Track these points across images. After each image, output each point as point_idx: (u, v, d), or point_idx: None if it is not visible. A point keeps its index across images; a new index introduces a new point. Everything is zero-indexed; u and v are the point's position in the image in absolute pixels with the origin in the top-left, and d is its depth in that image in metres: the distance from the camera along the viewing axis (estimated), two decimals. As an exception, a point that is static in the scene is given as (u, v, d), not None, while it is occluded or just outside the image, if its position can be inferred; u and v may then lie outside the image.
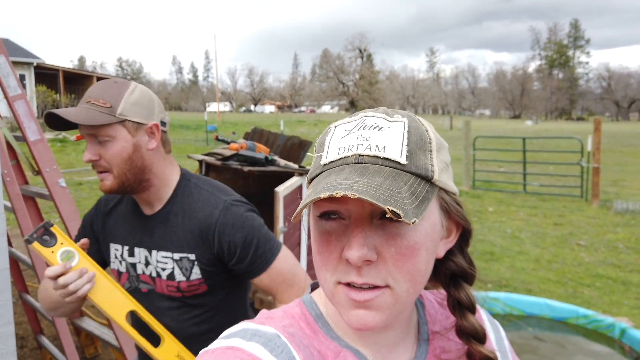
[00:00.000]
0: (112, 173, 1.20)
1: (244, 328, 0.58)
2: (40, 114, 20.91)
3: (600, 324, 3.39)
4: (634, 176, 12.65)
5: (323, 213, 0.55)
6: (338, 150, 0.55)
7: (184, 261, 1.27)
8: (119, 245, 1.34)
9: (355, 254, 0.51)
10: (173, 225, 1.28)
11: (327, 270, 0.55)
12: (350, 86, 67.60)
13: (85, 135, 1.19)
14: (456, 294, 0.65)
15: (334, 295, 0.55)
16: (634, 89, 79.01)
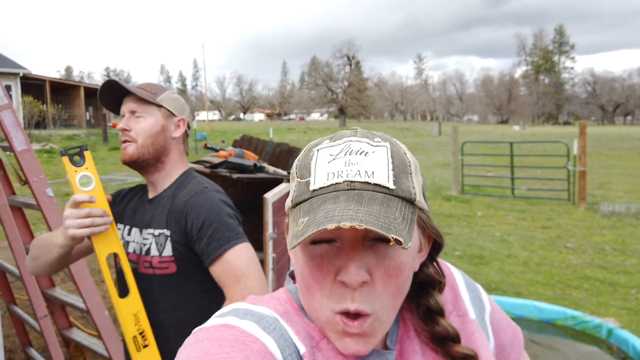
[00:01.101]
0: (137, 143, 1.37)
1: (236, 308, 0.60)
2: (27, 125, 20.74)
3: (588, 324, 3.43)
4: (619, 179, 12.82)
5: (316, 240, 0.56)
6: (327, 175, 0.56)
7: (160, 237, 1.36)
8: (122, 225, 1.45)
9: (354, 277, 0.54)
10: (164, 206, 1.39)
11: (322, 296, 0.57)
12: (339, 93, 67.80)
13: (126, 112, 1.39)
14: (425, 301, 0.67)
15: (329, 323, 0.58)
16: (618, 93, 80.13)
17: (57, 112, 26.69)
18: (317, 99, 75.50)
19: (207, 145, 3.52)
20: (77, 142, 20.79)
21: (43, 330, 2.45)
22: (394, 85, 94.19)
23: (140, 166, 1.40)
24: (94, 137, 22.80)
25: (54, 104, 27.31)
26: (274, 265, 2.51)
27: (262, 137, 17.11)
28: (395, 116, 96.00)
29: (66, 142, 20.23)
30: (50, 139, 20.44)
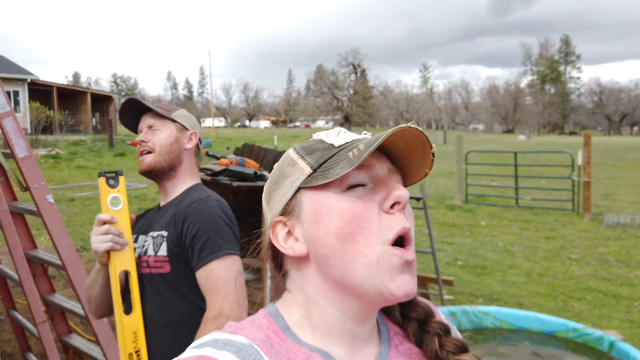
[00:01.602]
0: (154, 152, 1.50)
1: (215, 338, 0.59)
2: (34, 130, 20.89)
3: (589, 337, 3.39)
4: (625, 189, 12.76)
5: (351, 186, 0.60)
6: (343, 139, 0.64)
7: (158, 238, 1.45)
8: (134, 235, 1.52)
9: (405, 191, 0.59)
10: (168, 212, 1.49)
11: (370, 232, 0.58)
12: (345, 101, 67.98)
13: (144, 127, 1.53)
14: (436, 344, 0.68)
15: (381, 263, 0.58)
16: (624, 104, 79.82)
17: (64, 118, 26.87)
18: (322, 106, 75.71)
19: (209, 152, 3.55)
20: (83, 148, 20.91)
21: (42, 336, 2.46)
22: (399, 93, 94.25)
23: (156, 174, 1.53)
24: (100, 143, 22.93)
25: (61, 109, 27.49)
26: (272, 272, 2.51)
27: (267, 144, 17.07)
28: (400, 124, 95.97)
29: (72, 148, 20.36)
30: (56, 145, 20.58)
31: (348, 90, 69.41)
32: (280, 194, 0.66)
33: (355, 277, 0.59)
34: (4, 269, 2.82)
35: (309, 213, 0.62)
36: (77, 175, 13.95)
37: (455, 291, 4.96)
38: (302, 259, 0.64)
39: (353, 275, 0.59)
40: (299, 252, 0.63)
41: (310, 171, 0.62)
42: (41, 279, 2.65)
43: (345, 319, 0.63)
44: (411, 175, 0.67)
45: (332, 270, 0.60)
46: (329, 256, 0.60)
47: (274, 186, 0.67)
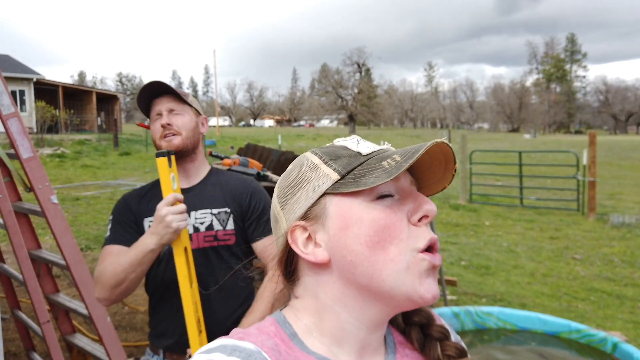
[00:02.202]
0: (181, 135, 1.58)
1: (223, 344, 0.59)
2: (40, 129, 20.99)
3: (593, 338, 3.38)
4: (630, 189, 12.69)
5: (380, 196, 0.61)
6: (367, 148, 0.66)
7: (221, 214, 1.62)
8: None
9: (434, 206, 0.61)
10: (211, 192, 1.64)
11: (400, 240, 0.60)
12: (349, 100, 67.83)
13: (164, 110, 1.59)
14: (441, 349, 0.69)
15: (410, 268, 0.59)
16: (631, 102, 79.38)
17: (69, 117, 26.99)
18: (326, 105, 75.65)
19: (213, 153, 3.55)
20: (88, 147, 20.98)
21: (45, 335, 2.47)
22: (404, 92, 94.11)
23: (181, 155, 1.60)
24: (105, 142, 23.01)
25: (66, 109, 27.61)
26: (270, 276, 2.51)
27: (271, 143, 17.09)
28: (405, 123, 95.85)
29: (77, 147, 20.44)
30: (62, 144, 20.67)
31: (352, 89, 69.28)
32: (301, 198, 0.65)
33: (384, 283, 0.59)
34: (8, 269, 2.84)
35: (336, 219, 0.62)
36: (82, 175, 14.01)
37: (458, 291, 4.95)
38: (321, 265, 0.64)
39: (382, 282, 0.59)
40: (322, 258, 0.62)
41: (337, 177, 0.62)
42: (45, 279, 2.67)
43: (361, 326, 0.63)
44: (425, 188, 0.68)
45: (358, 277, 0.61)
46: (357, 264, 0.60)
47: (291, 190, 0.66)
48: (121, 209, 1.63)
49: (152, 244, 1.41)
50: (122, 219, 1.61)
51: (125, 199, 1.66)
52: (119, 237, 1.57)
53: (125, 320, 4.11)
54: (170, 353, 1.61)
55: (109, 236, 1.59)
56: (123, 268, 1.43)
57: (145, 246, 1.41)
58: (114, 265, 1.45)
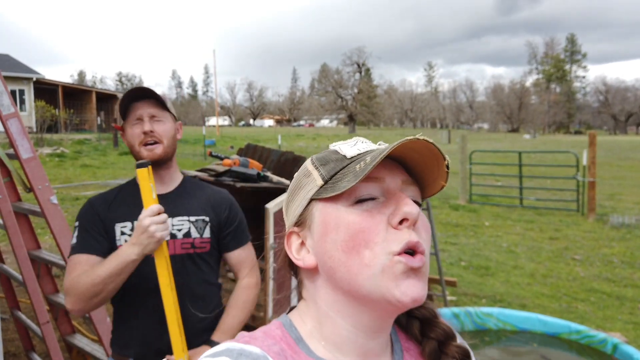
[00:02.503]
0: (163, 144, 1.58)
1: (229, 347, 0.59)
2: (39, 129, 20.97)
3: (593, 339, 3.39)
4: (630, 190, 12.69)
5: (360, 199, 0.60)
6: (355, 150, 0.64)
7: (199, 222, 1.63)
8: (127, 222, 1.57)
9: (414, 208, 0.58)
10: (188, 199, 1.65)
11: (375, 244, 0.58)
12: (349, 100, 67.78)
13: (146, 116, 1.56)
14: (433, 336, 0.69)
15: (385, 271, 0.57)
16: (631, 103, 79.28)
17: (69, 117, 26.97)
18: (326, 105, 75.60)
19: (212, 153, 3.55)
20: (88, 147, 20.98)
21: (45, 336, 2.47)
22: (403, 92, 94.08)
23: (160, 164, 1.60)
24: (105, 142, 23.00)
25: (66, 108, 27.59)
26: (274, 275, 2.51)
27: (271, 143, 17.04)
28: (404, 123, 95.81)
29: (77, 147, 20.43)
30: (61, 143, 20.66)
31: (352, 89, 69.25)
32: (296, 204, 0.66)
33: (361, 288, 0.59)
34: (8, 269, 2.83)
35: (319, 225, 0.62)
36: (82, 174, 14.00)
37: (458, 292, 4.95)
38: (313, 271, 0.65)
39: (359, 287, 0.59)
40: (309, 263, 0.63)
41: (321, 183, 0.63)
42: (45, 279, 2.67)
43: (357, 332, 0.63)
44: (429, 187, 0.67)
45: (339, 282, 0.61)
46: (336, 269, 0.60)
47: (291, 196, 0.68)
48: (88, 216, 1.58)
49: (133, 254, 1.40)
50: (89, 226, 1.56)
51: (92, 204, 1.61)
52: (87, 246, 1.53)
53: (125, 320, 4.10)
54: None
55: (76, 244, 1.54)
56: (101, 279, 1.41)
57: (127, 256, 1.41)
58: (91, 276, 1.43)
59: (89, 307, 1.47)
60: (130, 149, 1.60)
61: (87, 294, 1.42)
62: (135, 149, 1.57)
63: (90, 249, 1.52)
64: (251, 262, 1.74)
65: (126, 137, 1.60)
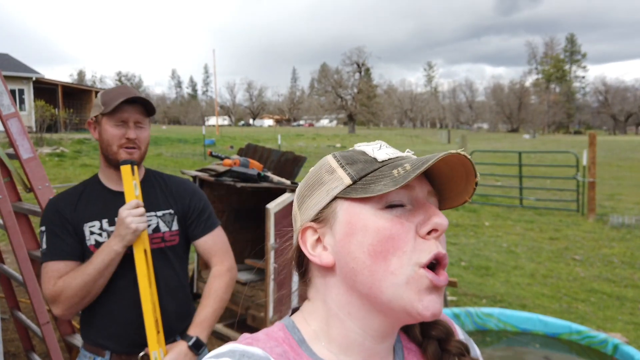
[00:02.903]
0: (140, 150, 1.61)
1: (232, 349, 0.59)
2: (39, 129, 20.96)
3: (593, 340, 3.38)
4: (630, 190, 12.69)
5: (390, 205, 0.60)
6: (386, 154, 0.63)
7: (166, 216, 1.67)
8: (96, 221, 1.59)
9: (445, 219, 0.58)
10: (152, 194, 1.67)
11: (404, 253, 0.58)
12: (349, 100, 67.75)
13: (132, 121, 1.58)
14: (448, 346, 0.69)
15: (410, 283, 0.57)
16: (630, 103, 79.29)
17: (69, 116, 26.94)
18: (326, 105, 75.58)
19: (213, 153, 3.55)
20: (87, 146, 20.97)
21: (45, 336, 2.46)
22: (403, 92, 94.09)
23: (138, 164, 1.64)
24: (105, 141, 22.93)
25: (65, 108, 27.56)
26: (275, 275, 2.51)
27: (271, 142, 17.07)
28: (404, 123, 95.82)
29: (77, 146, 20.41)
30: (61, 143, 20.63)
31: (352, 89, 69.23)
32: (315, 200, 0.65)
33: (382, 295, 0.58)
34: (7, 269, 2.82)
35: (344, 225, 0.61)
36: (82, 174, 13.98)
37: (458, 292, 4.94)
38: (328, 269, 0.64)
39: (380, 293, 0.58)
40: (326, 261, 0.62)
41: (350, 182, 0.62)
42: (45, 279, 2.66)
43: (365, 335, 0.62)
44: (448, 200, 0.66)
45: (358, 285, 0.60)
46: (358, 271, 0.59)
47: (308, 191, 0.67)
48: (54, 219, 1.57)
49: (116, 245, 1.48)
50: (58, 229, 1.56)
51: (56, 206, 1.60)
52: (60, 252, 1.53)
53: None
54: (117, 355, 1.60)
55: (47, 250, 1.54)
56: (92, 277, 1.47)
57: (111, 249, 1.48)
58: (80, 277, 1.47)
59: (80, 308, 1.53)
60: (106, 146, 1.59)
61: (80, 295, 1.48)
62: (112, 149, 1.58)
63: (64, 255, 1.53)
64: (221, 247, 1.75)
65: (103, 132, 1.59)
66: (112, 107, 1.54)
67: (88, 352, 1.64)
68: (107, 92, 1.61)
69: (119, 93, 1.57)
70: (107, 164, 1.63)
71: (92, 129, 1.64)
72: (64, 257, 1.53)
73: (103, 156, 1.62)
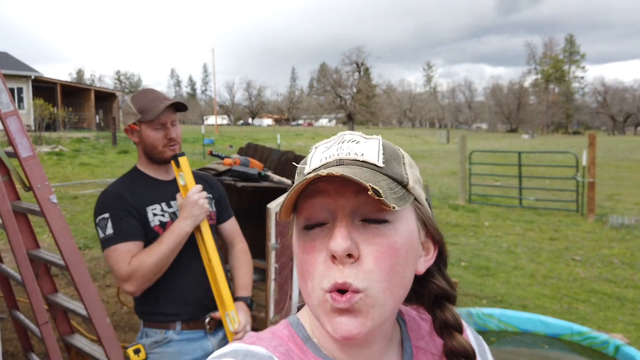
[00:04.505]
0: (179, 143, 1.84)
1: (235, 349, 0.59)
2: (38, 127, 20.92)
3: (595, 340, 3.37)
4: (629, 190, 12.70)
5: (307, 225, 0.57)
6: (320, 160, 0.59)
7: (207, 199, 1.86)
8: (156, 205, 1.80)
9: (340, 245, 0.53)
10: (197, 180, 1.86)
11: (313, 277, 0.56)
12: (348, 100, 67.71)
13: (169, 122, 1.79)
14: (442, 315, 0.66)
15: (319, 306, 0.56)
16: (629, 104, 79.33)
17: (68, 115, 26.90)
18: (325, 105, 75.57)
19: (213, 152, 3.52)
20: (86, 145, 20.92)
21: (44, 336, 2.44)
22: (402, 92, 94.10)
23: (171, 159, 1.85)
24: (104, 140, 22.92)
25: (64, 106, 27.51)
26: (276, 275, 2.49)
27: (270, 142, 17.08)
28: (403, 123, 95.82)
29: (75, 145, 20.37)
30: (60, 142, 20.59)
31: (351, 88, 69.21)
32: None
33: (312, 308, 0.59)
34: (6, 269, 2.80)
35: None
36: (81, 173, 13.95)
37: (459, 292, 4.92)
38: None
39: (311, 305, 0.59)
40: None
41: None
42: (44, 279, 2.64)
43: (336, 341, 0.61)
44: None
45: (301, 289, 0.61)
46: (299, 278, 0.61)
47: None
48: (117, 204, 1.73)
49: (187, 226, 1.71)
50: (122, 213, 1.72)
51: (117, 193, 1.76)
52: (128, 234, 1.69)
53: (124, 320, 4.08)
54: (187, 323, 1.79)
55: (115, 234, 1.69)
56: (165, 254, 1.67)
57: (182, 230, 1.70)
58: (154, 255, 1.66)
59: (151, 284, 1.71)
60: (151, 148, 1.80)
61: (154, 271, 1.66)
62: (158, 150, 1.80)
63: (132, 236, 1.70)
64: (240, 231, 2.06)
65: (145, 137, 1.79)
66: (154, 115, 1.74)
67: (157, 329, 1.78)
68: (138, 99, 1.79)
69: (153, 99, 1.78)
70: (150, 161, 1.84)
71: (130, 134, 1.83)
72: (133, 238, 1.70)
73: (146, 156, 1.83)
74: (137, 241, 1.70)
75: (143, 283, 1.67)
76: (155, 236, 1.73)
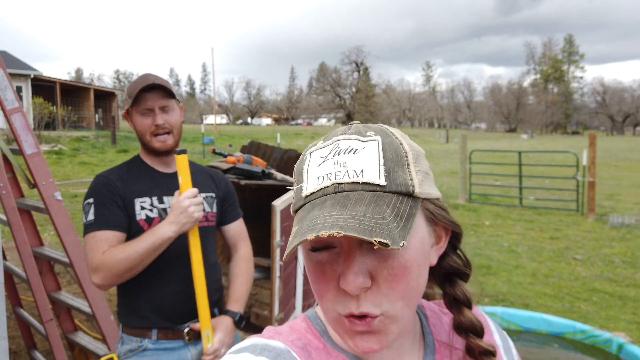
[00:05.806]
0: (173, 134, 1.66)
1: (253, 343, 0.59)
2: (37, 126, 20.88)
3: (598, 339, 3.37)
4: (629, 190, 12.71)
5: (314, 248, 0.56)
6: (317, 180, 0.56)
7: (208, 198, 1.76)
8: (147, 198, 1.65)
9: (353, 285, 0.52)
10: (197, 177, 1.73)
11: (327, 301, 0.56)
12: (347, 99, 67.80)
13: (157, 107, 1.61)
14: (451, 291, 0.66)
15: (337, 324, 0.56)
16: (628, 104, 79.46)
17: (67, 114, 26.85)
18: (324, 104, 75.62)
19: (216, 150, 3.52)
20: (85, 144, 20.90)
21: (48, 334, 2.44)
22: (402, 92, 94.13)
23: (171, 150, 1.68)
24: (103, 139, 22.90)
25: (64, 105, 27.45)
26: (280, 273, 2.49)
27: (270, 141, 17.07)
28: (402, 123, 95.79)
29: (75, 144, 20.35)
30: (59, 140, 20.56)
31: (350, 88, 69.29)
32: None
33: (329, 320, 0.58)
34: (10, 266, 2.80)
35: None
36: (80, 172, 13.93)
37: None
38: None
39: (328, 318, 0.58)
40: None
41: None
42: (47, 276, 2.64)
43: None
44: None
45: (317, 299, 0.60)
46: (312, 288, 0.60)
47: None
48: (104, 191, 1.60)
49: (170, 232, 1.53)
50: (107, 200, 1.58)
51: (106, 179, 1.63)
52: (108, 222, 1.56)
53: (126, 318, 4.07)
54: (164, 332, 1.65)
55: (95, 221, 1.56)
56: (139, 254, 1.50)
57: (164, 234, 1.53)
58: (126, 252, 1.51)
59: (119, 281, 1.56)
60: (140, 137, 1.66)
61: (121, 268, 1.50)
62: (146, 139, 1.64)
63: (112, 225, 1.56)
64: (246, 234, 1.89)
65: (135, 124, 1.66)
66: (133, 97, 1.59)
67: (134, 337, 1.66)
68: (130, 84, 1.65)
69: (138, 83, 1.61)
70: (146, 152, 1.71)
71: (128, 121, 1.70)
72: (113, 227, 1.56)
73: (142, 144, 1.69)
74: (117, 231, 1.56)
75: (110, 277, 1.51)
76: (139, 231, 1.59)
